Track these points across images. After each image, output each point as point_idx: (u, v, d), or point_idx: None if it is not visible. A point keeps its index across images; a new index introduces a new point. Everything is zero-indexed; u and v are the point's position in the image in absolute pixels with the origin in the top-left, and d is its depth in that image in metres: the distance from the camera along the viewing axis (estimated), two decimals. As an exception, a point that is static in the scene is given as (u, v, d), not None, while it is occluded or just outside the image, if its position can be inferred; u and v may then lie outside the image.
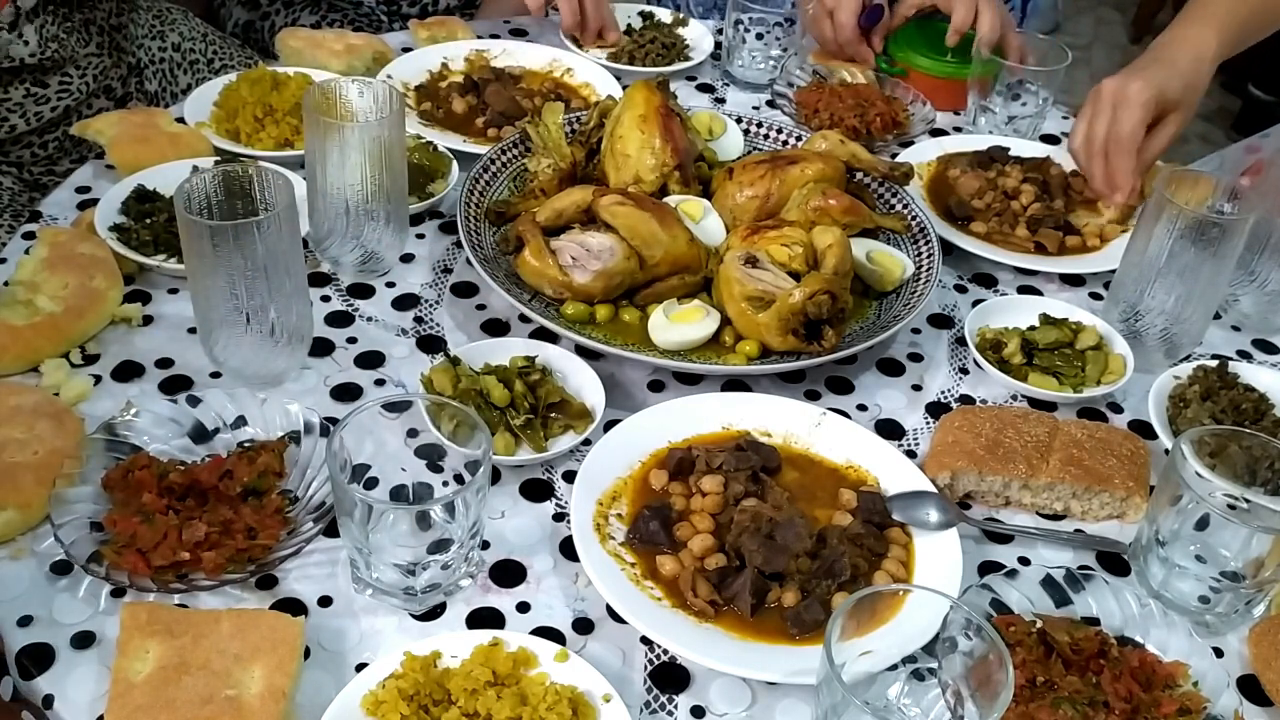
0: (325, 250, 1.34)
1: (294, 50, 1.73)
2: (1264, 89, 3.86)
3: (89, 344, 1.23)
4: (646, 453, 1.14)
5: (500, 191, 1.47)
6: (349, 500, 0.96)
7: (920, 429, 1.26)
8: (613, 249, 1.29)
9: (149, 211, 1.36)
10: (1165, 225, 1.26)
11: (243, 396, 1.12)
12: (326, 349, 1.26)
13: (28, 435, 1.07)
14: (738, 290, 1.25)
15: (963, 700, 0.87)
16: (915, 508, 1.10)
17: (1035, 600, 1.03)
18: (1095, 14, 4.74)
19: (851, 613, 0.86)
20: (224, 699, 0.88)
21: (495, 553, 1.07)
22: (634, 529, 1.06)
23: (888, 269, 1.37)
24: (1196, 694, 0.95)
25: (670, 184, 1.41)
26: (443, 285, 1.38)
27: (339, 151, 1.25)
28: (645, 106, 1.42)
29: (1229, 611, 1.05)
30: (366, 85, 1.30)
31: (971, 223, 1.54)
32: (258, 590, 1.01)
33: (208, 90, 1.60)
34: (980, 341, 1.33)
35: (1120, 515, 1.17)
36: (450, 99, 1.68)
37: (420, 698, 0.89)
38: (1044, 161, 1.65)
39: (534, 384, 1.17)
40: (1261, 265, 1.40)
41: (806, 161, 1.40)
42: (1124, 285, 1.34)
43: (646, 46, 1.86)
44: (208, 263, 1.10)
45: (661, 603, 1.00)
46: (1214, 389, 1.26)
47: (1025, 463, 1.15)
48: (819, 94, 1.75)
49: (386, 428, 1.07)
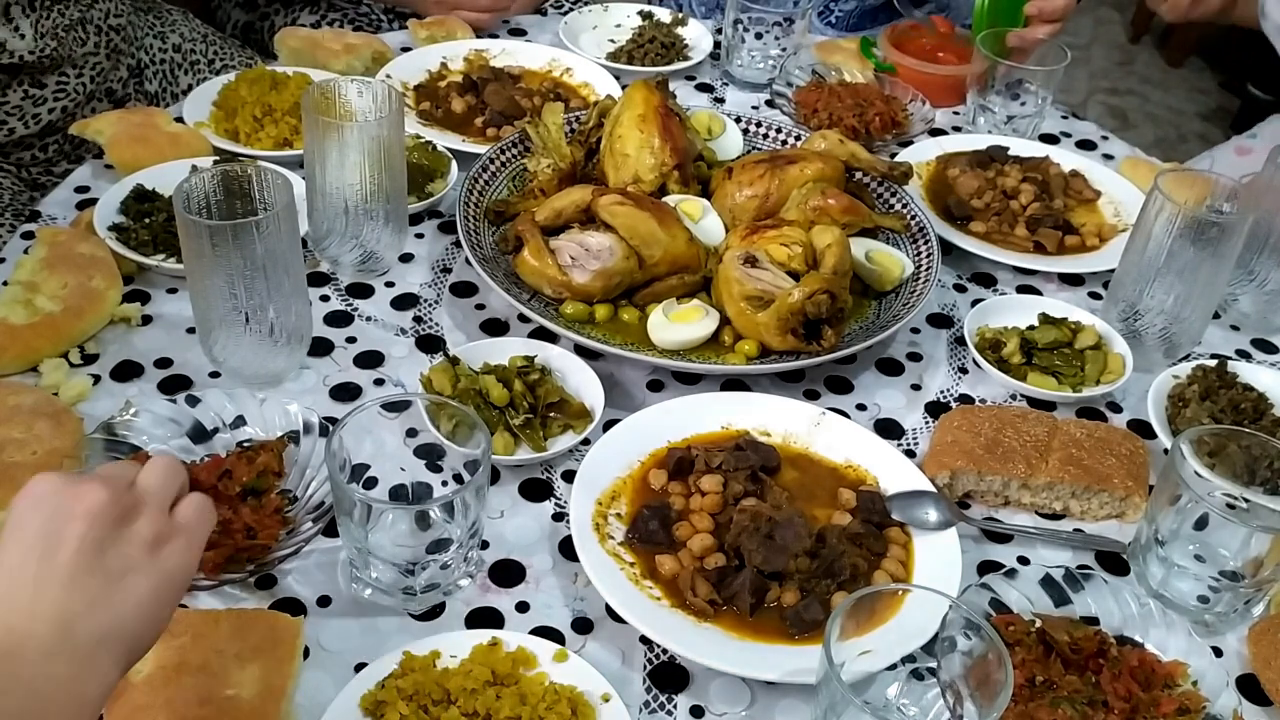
0: (324, 250, 1.34)
1: (293, 50, 1.73)
2: (1263, 89, 3.86)
3: (88, 344, 1.23)
4: (646, 452, 1.14)
5: (499, 191, 1.47)
6: (348, 500, 0.96)
7: (919, 428, 1.26)
8: (612, 249, 1.29)
9: (148, 211, 1.36)
10: (1164, 225, 1.26)
11: (242, 396, 1.12)
12: (326, 349, 1.26)
13: (27, 435, 1.07)
14: (737, 290, 1.25)
15: (962, 700, 0.87)
16: (914, 507, 1.10)
17: (1034, 600, 1.03)
18: (1094, 14, 4.74)
19: (850, 612, 0.86)
20: (223, 699, 0.88)
21: (494, 552, 1.07)
22: (633, 528, 1.06)
23: (887, 268, 1.37)
24: (1196, 693, 0.95)
25: (669, 183, 1.40)
26: (442, 285, 1.38)
27: (338, 151, 1.25)
28: (644, 106, 1.42)
29: (1228, 611, 1.05)
30: (365, 85, 1.30)
31: (971, 222, 1.54)
32: (257, 590, 1.01)
33: (207, 90, 1.60)
34: (979, 341, 1.33)
35: (1119, 515, 1.17)
36: (449, 98, 1.68)
37: (420, 698, 0.89)
38: (1043, 161, 1.65)
39: (533, 384, 1.17)
40: (1260, 265, 1.40)
41: (806, 161, 1.40)
42: (1123, 285, 1.34)
43: (645, 46, 1.86)
44: (207, 262, 1.10)
45: (661, 602, 1.00)
46: (1213, 388, 1.26)
47: (1024, 462, 1.15)
48: (818, 93, 1.75)
49: (386, 427, 1.07)
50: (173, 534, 0.81)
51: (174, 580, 0.80)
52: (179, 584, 0.81)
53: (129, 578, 0.76)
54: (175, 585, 0.80)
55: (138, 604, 0.76)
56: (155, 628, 0.79)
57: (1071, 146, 1.78)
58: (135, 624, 0.77)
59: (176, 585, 0.80)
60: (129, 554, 0.77)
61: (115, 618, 0.75)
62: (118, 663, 0.75)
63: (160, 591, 0.78)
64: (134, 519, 0.79)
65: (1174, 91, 4.28)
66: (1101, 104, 4.15)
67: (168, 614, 0.80)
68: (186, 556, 0.81)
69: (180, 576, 0.80)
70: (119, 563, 0.77)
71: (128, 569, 0.77)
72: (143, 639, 0.78)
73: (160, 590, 0.78)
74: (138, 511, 0.79)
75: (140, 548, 0.78)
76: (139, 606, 0.77)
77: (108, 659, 0.74)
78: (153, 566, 0.78)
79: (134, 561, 0.77)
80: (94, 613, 0.74)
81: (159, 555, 0.79)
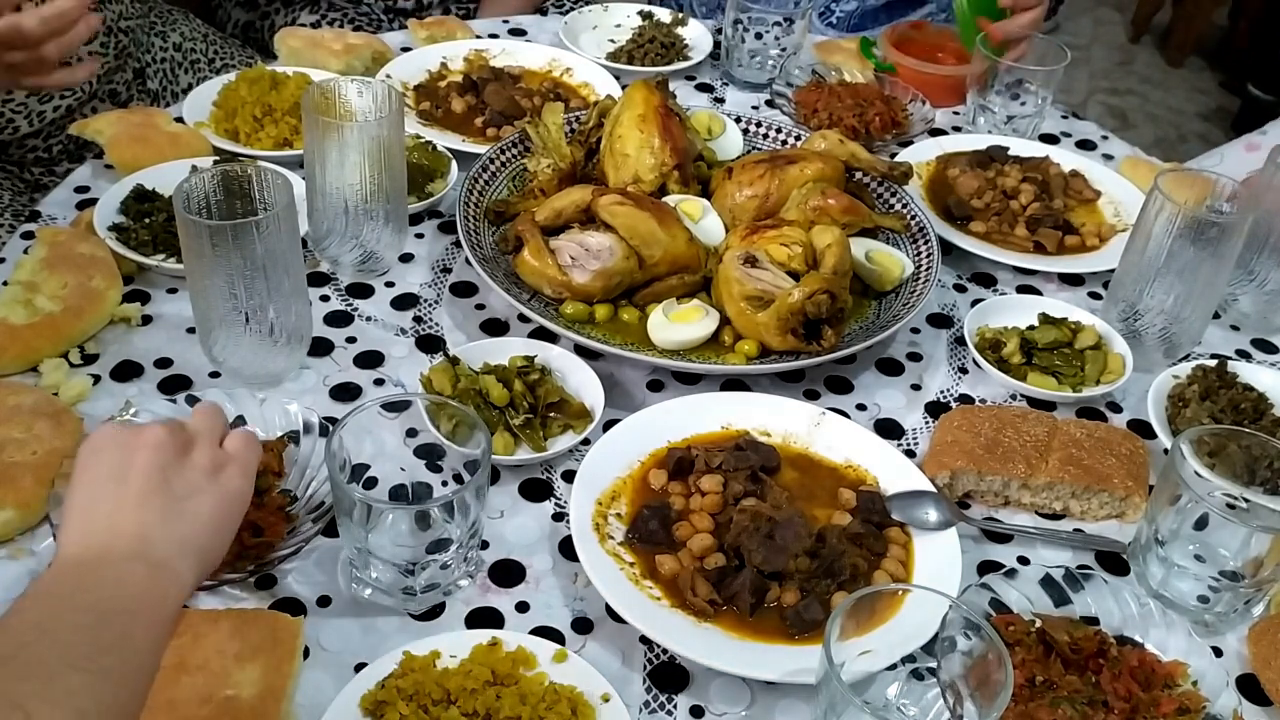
0: (324, 250, 1.34)
1: (293, 50, 1.72)
2: (1263, 89, 3.86)
3: (88, 344, 1.23)
4: (646, 452, 1.14)
5: (499, 191, 1.47)
6: (348, 500, 0.96)
7: (919, 428, 1.26)
8: (612, 249, 1.29)
9: (148, 211, 1.36)
10: (1164, 225, 1.26)
11: (242, 396, 1.12)
12: (326, 349, 1.26)
13: (26, 435, 1.07)
14: (737, 290, 1.25)
15: (962, 700, 0.87)
16: (914, 507, 1.10)
17: (1034, 600, 1.03)
18: (1094, 14, 4.74)
19: (851, 612, 0.86)
20: (223, 699, 0.88)
21: (494, 552, 1.07)
22: (633, 528, 1.06)
23: (887, 268, 1.37)
24: (1196, 693, 0.95)
25: (669, 183, 1.40)
26: (442, 285, 1.38)
27: (338, 151, 1.25)
28: (644, 106, 1.42)
29: (1228, 611, 1.05)
30: (365, 85, 1.30)
31: (970, 222, 1.54)
32: (257, 590, 1.01)
33: (207, 90, 1.59)
34: (979, 341, 1.33)
35: (1119, 515, 1.17)
36: (449, 98, 1.68)
37: (420, 698, 0.89)
38: (1043, 161, 1.65)
39: (533, 384, 1.17)
40: (1260, 265, 1.40)
41: (806, 161, 1.40)
42: (1123, 285, 1.34)
43: (645, 46, 1.86)
44: (207, 262, 1.10)
45: (661, 602, 1.00)
46: (1213, 388, 1.26)
47: (1024, 462, 1.15)
48: (818, 93, 1.75)
49: (386, 427, 1.07)
50: (227, 460, 0.92)
51: (234, 499, 0.91)
52: (239, 502, 0.92)
53: (194, 498, 0.87)
54: (236, 503, 0.91)
55: (205, 520, 0.87)
56: (222, 540, 0.89)
57: (1071, 146, 1.78)
58: (204, 537, 0.87)
59: (237, 503, 0.91)
60: (191, 478, 0.88)
61: (186, 531, 0.85)
62: (192, 569, 0.84)
63: (222, 508, 0.89)
64: (190, 451, 0.90)
65: (1174, 91, 4.28)
66: (1101, 104, 4.15)
67: (231, 528, 0.91)
68: (242, 479, 0.92)
69: (239, 496, 0.91)
70: (183, 486, 0.87)
71: (192, 490, 0.87)
72: (212, 550, 0.88)
73: (222, 507, 0.89)
74: (193, 445, 0.91)
75: (200, 473, 0.89)
76: (207, 522, 0.87)
77: (183, 566, 0.84)
78: (214, 487, 0.89)
79: (197, 484, 0.88)
80: (166, 526, 0.84)
81: (218, 479, 0.90)
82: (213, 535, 0.88)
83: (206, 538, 0.87)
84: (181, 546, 0.84)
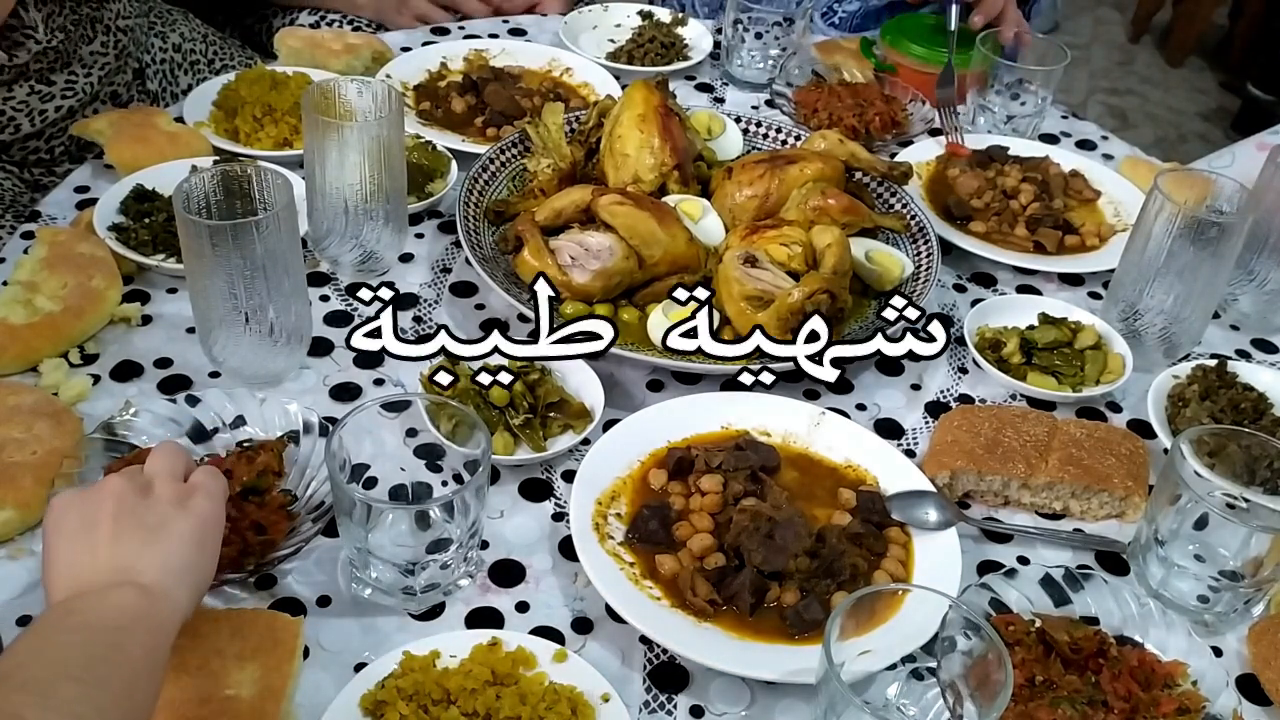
0: (324, 250, 1.34)
1: (293, 50, 1.72)
2: (1263, 89, 3.86)
3: (88, 344, 1.23)
4: (645, 452, 1.14)
5: (499, 191, 1.47)
6: (348, 500, 0.96)
7: (919, 428, 1.26)
8: (612, 248, 1.29)
9: (148, 211, 1.36)
10: (1164, 225, 1.26)
11: (241, 396, 1.12)
12: (325, 348, 1.26)
13: (26, 435, 1.07)
14: (737, 290, 1.25)
15: (962, 699, 0.87)
16: (914, 507, 1.10)
17: (1034, 599, 1.03)
18: (1094, 14, 4.75)
19: (850, 612, 0.86)
20: (222, 699, 0.88)
21: (494, 552, 1.07)
22: (633, 528, 1.06)
23: (887, 268, 1.37)
24: (1195, 693, 0.95)
25: (669, 183, 1.40)
26: (442, 285, 1.38)
27: (338, 151, 1.25)
28: (644, 106, 1.42)
29: (1228, 611, 1.05)
30: (365, 85, 1.30)
31: (970, 222, 1.54)
32: (257, 590, 1.01)
33: (207, 90, 1.59)
34: (979, 341, 1.33)
35: (1119, 515, 1.17)
36: (449, 98, 1.68)
37: (420, 697, 0.89)
38: (1043, 161, 1.64)
39: (533, 384, 1.17)
40: (1260, 265, 1.40)
41: (805, 161, 1.40)
42: (1123, 285, 1.34)
43: (645, 46, 1.86)
44: (206, 262, 1.10)
45: (660, 602, 1.00)
46: (1213, 388, 1.26)
47: (1024, 462, 1.15)
48: (818, 93, 1.75)
49: (385, 427, 1.07)
50: (192, 490, 0.92)
51: (207, 520, 0.91)
52: (213, 524, 0.92)
53: (167, 525, 0.88)
54: (210, 524, 0.91)
55: (185, 539, 0.88)
56: (207, 557, 0.90)
57: (1071, 146, 1.78)
58: (188, 556, 0.88)
59: (211, 524, 0.91)
60: (159, 510, 0.89)
61: (167, 552, 0.86)
62: (182, 587, 0.86)
63: (198, 528, 0.90)
64: (151, 490, 0.91)
65: (1174, 91, 4.28)
66: (1101, 104, 4.15)
67: (214, 547, 0.91)
68: (210, 503, 0.92)
69: (211, 518, 0.92)
70: (154, 518, 0.88)
71: (163, 519, 0.88)
72: (200, 569, 0.89)
73: (198, 527, 0.90)
74: (154, 486, 0.91)
75: (167, 503, 0.90)
76: (187, 541, 0.88)
77: (170, 583, 0.85)
78: (184, 513, 0.90)
79: (166, 514, 0.89)
80: (146, 553, 0.86)
81: (186, 505, 0.90)
82: (196, 553, 0.89)
83: (191, 556, 0.88)
84: (165, 567, 0.86)
